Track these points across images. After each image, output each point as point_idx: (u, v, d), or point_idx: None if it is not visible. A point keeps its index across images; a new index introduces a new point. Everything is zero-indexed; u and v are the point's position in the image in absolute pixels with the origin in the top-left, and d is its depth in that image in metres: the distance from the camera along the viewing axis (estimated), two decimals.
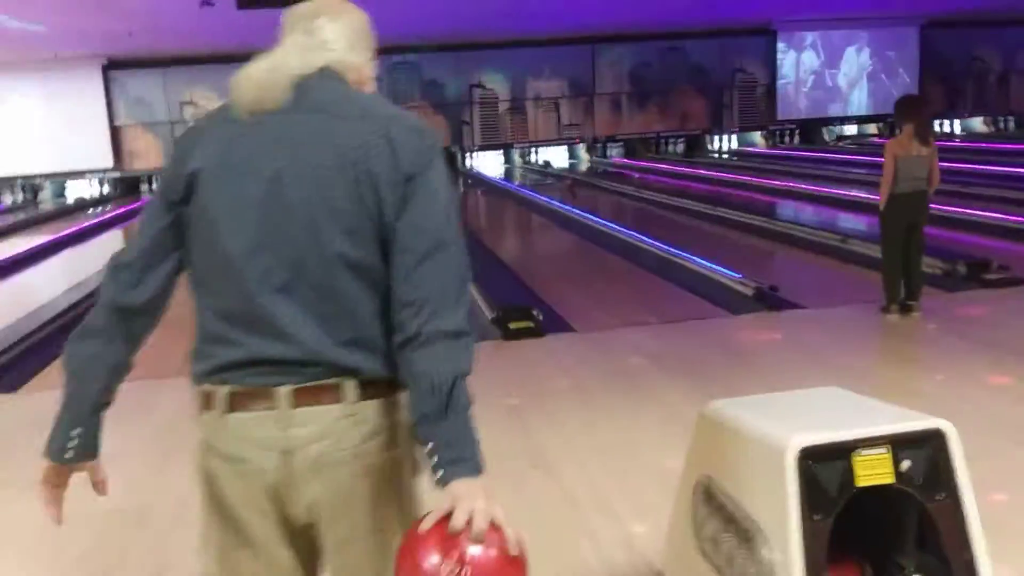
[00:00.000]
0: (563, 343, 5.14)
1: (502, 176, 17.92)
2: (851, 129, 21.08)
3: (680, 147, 20.53)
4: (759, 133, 20.79)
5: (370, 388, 1.40)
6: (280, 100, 1.41)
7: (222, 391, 1.41)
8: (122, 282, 1.47)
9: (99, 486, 1.54)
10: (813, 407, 2.17)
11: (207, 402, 1.44)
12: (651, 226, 9.93)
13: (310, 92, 1.42)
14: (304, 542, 1.46)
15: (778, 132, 20.75)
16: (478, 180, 17.79)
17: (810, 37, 20.30)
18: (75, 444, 1.48)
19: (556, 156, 20.26)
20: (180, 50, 16.53)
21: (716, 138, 20.76)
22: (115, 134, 18.39)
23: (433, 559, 1.24)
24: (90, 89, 17.96)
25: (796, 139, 20.65)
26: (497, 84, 19.49)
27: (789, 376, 4.31)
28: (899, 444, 1.73)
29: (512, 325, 5.36)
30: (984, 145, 16.49)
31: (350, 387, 1.39)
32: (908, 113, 5.21)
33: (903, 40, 20.41)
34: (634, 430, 3.73)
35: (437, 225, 1.39)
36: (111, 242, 11.64)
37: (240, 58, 1.68)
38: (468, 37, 17.87)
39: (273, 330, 1.37)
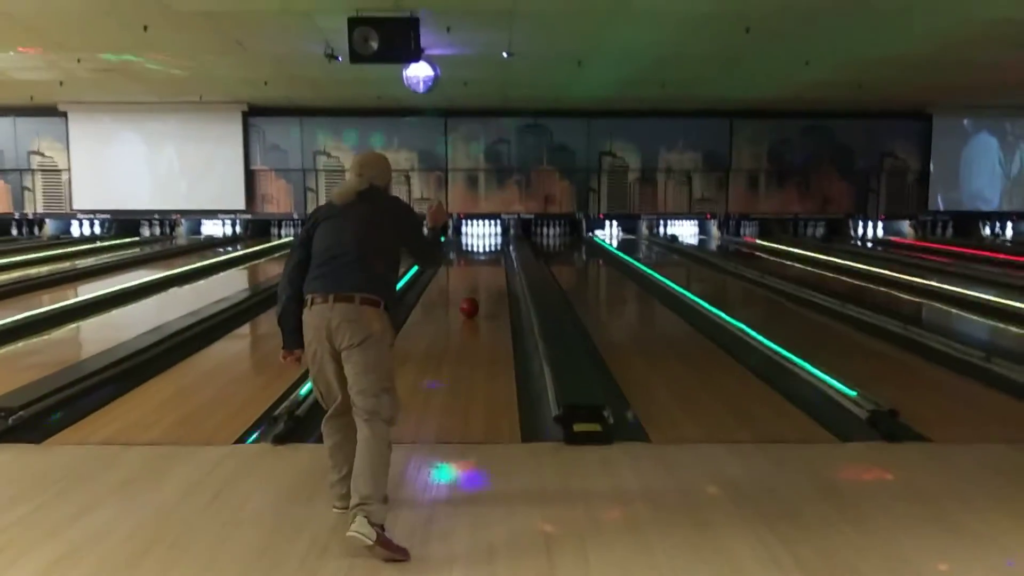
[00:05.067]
0: (632, 456, 4.41)
1: (624, 248, 17.25)
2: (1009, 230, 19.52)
3: (820, 231, 19.45)
4: (907, 223, 19.45)
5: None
6: (351, 198, 3.61)
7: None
8: (293, 266, 3.59)
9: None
10: None
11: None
12: (773, 321, 9.07)
13: (364, 196, 3.62)
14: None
15: (929, 223, 19.34)
16: (598, 249, 17.22)
17: (969, 124, 18.93)
18: (291, 341, 3.61)
19: (685, 231, 19.54)
20: (314, 100, 16.81)
21: (860, 224, 19.58)
22: (250, 178, 18.86)
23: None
24: (230, 133, 18.54)
25: (949, 232, 19.17)
26: (628, 153, 19.00)
27: (896, 535, 3.47)
28: None
29: (576, 427, 4.69)
30: None
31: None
32: None
33: None
34: None
35: (417, 238, 3.75)
36: (230, 281, 11.67)
37: (370, 112, 5.00)
38: (601, 104, 17.51)
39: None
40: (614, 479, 4.08)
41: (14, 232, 19.40)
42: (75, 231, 19.39)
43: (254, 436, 4.81)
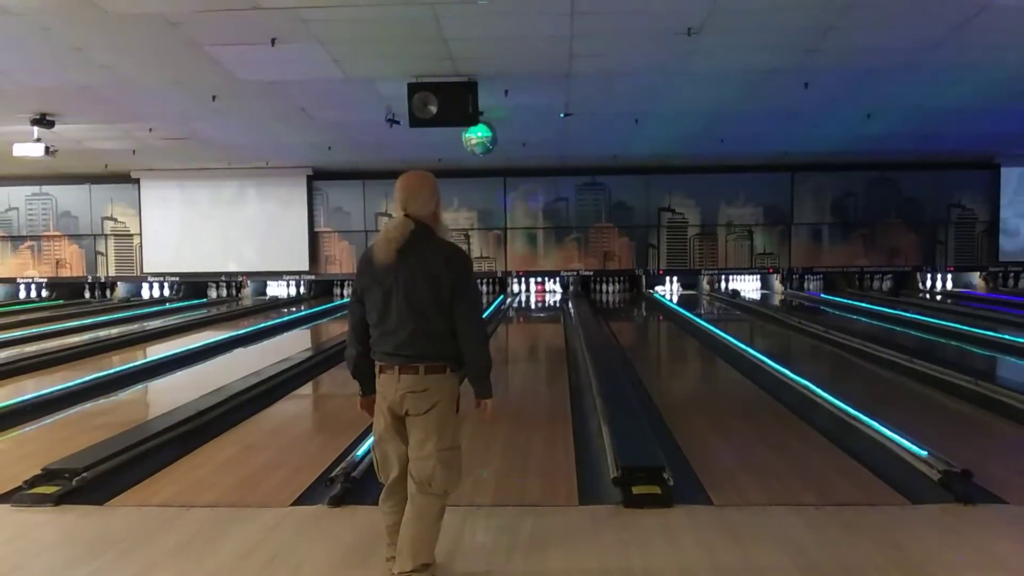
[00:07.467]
0: (692, 520, 4.29)
1: (684, 304, 17.08)
2: None
3: (887, 284, 19.04)
4: (977, 274, 18.95)
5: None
6: (392, 257, 3.38)
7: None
8: (356, 323, 3.56)
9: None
10: None
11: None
12: (839, 377, 8.85)
13: (405, 249, 3.39)
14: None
15: (1000, 274, 18.81)
16: (658, 305, 17.07)
17: None
18: (369, 387, 3.60)
19: (747, 286, 19.31)
20: (376, 163, 17.14)
21: (929, 276, 19.13)
22: (313, 240, 19.22)
23: None
24: (295, 197, 18.98)
25: (1021, 283, 18.60)
26: (687, 208, 18.94)
27: None
28: None
29: (636, 489, 4.59)
30: None
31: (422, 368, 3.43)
32: None
33: None
34: None
35: (473, 298, 3.49)
36: (293, 341, 11.84)
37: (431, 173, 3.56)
38: (659, 161, 17.53)
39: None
40: (674, 545, 3.97)
41: (87, 295, 20.02)
42: (145, 294, 19.92)
43: (312, 497, 4.81)
